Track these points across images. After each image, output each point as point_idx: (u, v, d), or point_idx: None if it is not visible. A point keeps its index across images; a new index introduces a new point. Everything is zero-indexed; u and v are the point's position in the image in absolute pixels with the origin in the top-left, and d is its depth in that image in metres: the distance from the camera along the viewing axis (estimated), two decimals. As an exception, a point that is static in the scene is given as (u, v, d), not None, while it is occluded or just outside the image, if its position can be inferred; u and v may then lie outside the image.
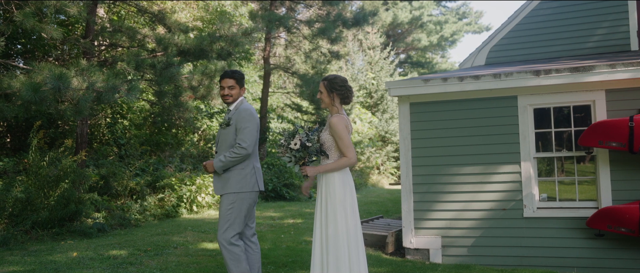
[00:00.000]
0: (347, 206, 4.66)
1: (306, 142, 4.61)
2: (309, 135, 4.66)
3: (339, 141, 4.67)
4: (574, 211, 7.25)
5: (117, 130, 15.23)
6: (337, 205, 4.65)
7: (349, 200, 4.69)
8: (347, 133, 4.69)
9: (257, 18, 16.58)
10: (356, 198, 4.82)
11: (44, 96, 7.77)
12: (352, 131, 4.84)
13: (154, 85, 12.51)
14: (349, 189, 4.74)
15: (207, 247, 8.15)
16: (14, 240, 8.27)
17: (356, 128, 25.80)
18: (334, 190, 4.69)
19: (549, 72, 7.19)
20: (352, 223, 4.65)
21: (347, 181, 4.75)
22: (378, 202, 16.06)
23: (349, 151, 4.65)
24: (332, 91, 4.84)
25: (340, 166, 4.70)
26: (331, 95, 4.85)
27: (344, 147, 4.65)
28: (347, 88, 4.85)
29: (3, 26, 9.79)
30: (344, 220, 4.63)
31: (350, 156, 4.66)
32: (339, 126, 4.66)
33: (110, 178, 11.64)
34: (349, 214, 4.65)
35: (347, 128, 4.74)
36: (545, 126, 7.53)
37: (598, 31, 9.44)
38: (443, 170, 7.91)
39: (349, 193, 4.72)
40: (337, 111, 4.86)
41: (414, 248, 7.94)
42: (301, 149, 4.63)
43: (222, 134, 5.18)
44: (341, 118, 4.73)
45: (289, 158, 4.72)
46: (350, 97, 4.89)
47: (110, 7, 15.15)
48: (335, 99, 4.85)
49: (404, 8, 39.87)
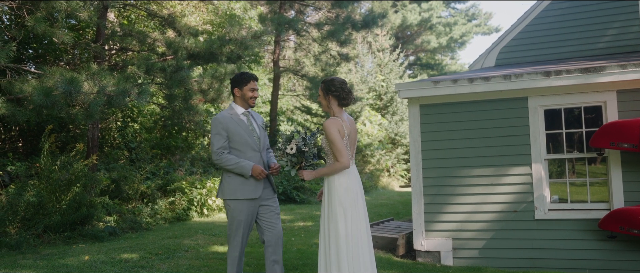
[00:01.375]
0: (346, 208, 4.66)
1: (302, 147, 4.62)
2: (306, 139, 4.66)
3: (331, 145, 4.66)
4: (586, 212, 7.20)
5: (128, 134, 15.30)
6: (336, 208, 4.67)
7: (350, 202, 4.68)
8: (339, 137, 4.63)
9: (267, 21, 16.61)
10: (361, 201, 4.81)
11: (56, 100, 7.82)
12: (348, 134, 4.77)
13: (164, 89, 12.57)
14: (353, 192, 4.73)
15: (217, 250, 8.17)
16: (27, 244, 8.32)
17: (366, 130, 25.76)
18: (334, 193, 4.72)
19: (560, 73, 7.16)
20: (352, 226, 4.65)
21: (348, 184, 4.74)
22: (388, 204, 16.04)
23: (341, 155, 4.62)
24: (327, 93, 4.85)
25: (333, 171, 4.70)
26: (327, 98, 4.87)
27: (335, 151, 4.64)
28: (343, 90, 4.81)
29: (15, 31, 9.88)
30: (343, 222, 4.64)
31: (342, 160, 4.63)
32: (330, 130, 4.63)
33: (121, 182, 11.70)
34: (348, 216, 4.65)
35: (341, 131, 4.68)
36: (556, 128, 7.50)
37: (609, 32, 9.38)
38: (453, 172, 7.89)
39: (351, 196, 4.71)
40: (333, 114, 4.86)
41: (424, 250, 7.92)
42: (297, 153, 4.64)
43: (263, 136, 5.27)
44: (334, 122, 4.70)
45: (286, 162, 4.74)
46: (347, 99, 4.85)
47: (120, 11, 15.22)
48: (331, 102, 4.86)
49: (413, 10, 39.81)
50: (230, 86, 5.30)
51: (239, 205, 5.01)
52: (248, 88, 5.16)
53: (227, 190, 5.06)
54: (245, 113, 5.20)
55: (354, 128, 4.94)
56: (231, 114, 5.13)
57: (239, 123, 5.08)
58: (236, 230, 5.04)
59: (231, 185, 5.04)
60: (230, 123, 5.03)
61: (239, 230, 5.03)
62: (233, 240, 5.07)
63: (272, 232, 5.14)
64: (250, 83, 5.16)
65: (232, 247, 5.08)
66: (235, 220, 5.03)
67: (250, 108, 5.27)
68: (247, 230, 5.10)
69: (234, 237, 5.06)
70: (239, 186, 5.01)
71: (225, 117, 5.08)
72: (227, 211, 5.11)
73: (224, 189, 5.09)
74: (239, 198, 5.01)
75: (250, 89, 5.17)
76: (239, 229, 5.03)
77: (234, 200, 5.03)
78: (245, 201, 5.02)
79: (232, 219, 5.05)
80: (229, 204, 5.05)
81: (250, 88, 5.16)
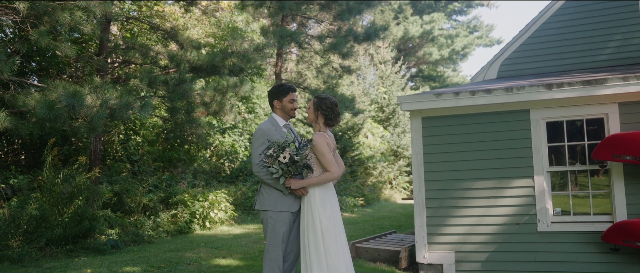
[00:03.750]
0: (322, 220, 4.73)
1: (295, 156, 4.63)
2: (299, 150, 4.68)
3: (321, 158, 4.78)
4: (589, 225, 7.19)
5: (130, 146, 15.33)
6: (311, 219, 4.76)
7: (328, 215, 4.76)
8: (328, 150, 4.79)
9: (269, 34, 16.66)
10: (337, 214, 4.86)
11: (59, 113, 7.85)
12: (332, 148, 4.92)
13: (166, 101, 12.59)
14: (329, 205, 4.81)
15: (220, 263, 8.16)
16: (29, 257, 8.32)
17: (368, 142, 25.78)
18: (312, 204, 4.79)
19: (562, 86, 7.17)
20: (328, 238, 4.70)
21: (326, 197, 4.83)
22: (390, 217, 16.01)
23: (331, 166, 4.77)
24: (317, 109, 4.97)
25: (323, 181, 4.80)
26: (316, 113, 4.99)
27: (326, 163, 4.77)
28: (333, 111, 4.96)
29: (18, 44, 9.91)
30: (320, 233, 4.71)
31: (333, 171, 4.78)
32: (320, 144, 4.78)
33: (123, 195, 11.70)
34: (324, 228, 4.71)
35: (329, 144, 4.84)
36: (558, 140, 7.50)
37: (610, 44, 9.40)
38: (456, 185, 7.88)
39: (327, 209, 4.78)
40: (319, 129, 4.99)
41: (427, 263, 7.90)
42: (290, 163, 4.65)
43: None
44: (322, 136, 4.84)
45: (276, 170, 4.73)
46: (333, 121, 4.99)
47: (123, 24, 15.30)
48: (319, 118, 4.99)
49: (415, 22, 39.95)
50: (269, 99, 5.26)
51: (281, 217, 4.93)
52: (287, 99, 5.16)
53: (268, 201, 4.96)
54: (286, 125, 5.19)
55: (335, 143, 5.09)
56: (274, 126, 5.10)
57: (281, 135, 5.03)
58: (276, 243, 4.92)
59: (272, 196, 4.95)
60: (274, 135, 4.97)
61: (279, 243, 4.92)
62: (272, 252, 4.93)
63: (296, 246, 5.10)
64: (290, 94, 5.17)
65: (271, 260, 4.94)
66: (276, 232, 4.92)
67: (290, 118, 5.27)
68: (286, 243, 5.00)
69: (273, 250, 4.92)
70: (279, 197, 4.93)
71: (270, 128, 5.04)
72: (265, 223, 4.99)
73: (264, 201, 4.99)
74: (280, 210, 4.93)
75: (289, 101, 5.16)
76: (279, 242, 4.92)
77: (275, 212, 4.94)
78: (286, 213, 4.95)
79: (273, 231, 4.93)
80: (271, 216, 4.94)
81: (290, 99, 5.16)
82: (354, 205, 18.44)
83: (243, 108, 20.07)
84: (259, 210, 5.04)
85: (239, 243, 10.15)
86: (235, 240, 10.61)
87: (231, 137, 19.00)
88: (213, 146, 18.18)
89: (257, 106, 20.70)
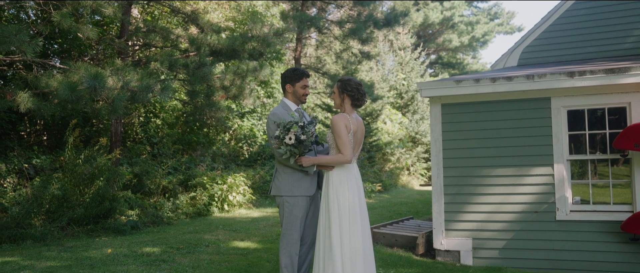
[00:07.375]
0: (341, 202, 4.73)
1: (301, 136, 4.64)
2: (304, 128, 4.67)
3: (337, 138, 4.76)
4: (608, 214, 7.15)
5: (150, 129, 15.46)
6: (330, 202, 4.76)
7: (347, 197, 4.75)
8: (345, 132, 4.75)
9: (289, 18, 16.64)
10: (358, 197, 4.86)
11: (80, 95, 7.93)
12: (354, 131, 4.87)
13: (186, 85, 12.66)
14: (347, 188, 4.80)
15: (238, 246, 8.22)
16: (51, 236, 8.46)
17: (386, 128, 25.70)
18: (330, 186, 4.81)
19: (584, 74, 7.10)
20: (347, 221, 4.71)
21: (346, 179, 4.81)
22: (408, 203, 16.00)
23: (345, 148, 4.73)
24: (343, 91, 4.94)
25: (334, 161, 4.79)
26: (342, 96, 4.96)
27: (341, 144, 4.73)
28: (358, 91, 4.92)
29: (41, 26, 10.01)
30: (337, 217, 4.71)
31: (346, 154, 4.73)
32: (337, 124, 4.76)
33: (143, 176, 11.82)
34: (343, 211, 4.72)
35: (347, 126, 4.79)
36: (579, 128, 7.44)
37: (634, 32, 9.26)
38: (474, 172, 7.86)
39: (346, 191, 4.78)
40: (344, 112, 4.96)
41: (444, 249, 7.91)
42: (296, 143, 4.66)
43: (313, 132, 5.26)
44: (343, 117, 4.81)
45: (283, 151, 4.75)
46: (361, 100, 4.95)
47: (144, 7, 15.36)
48: (345, 101, 4.95)
49: (435, 8, 39.60)
50: (281, 82, 5.28)
51: (298, 202, 4.99)
52: (300, 85, 5.17)
53: (284, 186, 5.02)
54: (298, 109, 5.19)
55: (362, 128, 5.04)
56: (286, 110, 5.12)
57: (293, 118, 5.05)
58: (293, 227, 4.99)
59: (288, 181, 5.00)
60: (286, 118, 4.99)
61: (296, 227, 4.99)
62: (289, 236, 4.99)
63: (312, 230, 5.14)
64: (303, 79, 5.18)
65: (288, 244, 5.00)
66: (293, 216, 4.98)
67: (301, 104, 5.29)
68: (302, 227, 5.06)
69: (291, 234, 4.99)
70: (295, 183, 4.99)
71: (282, 112, 5.07)
72: (282, 208, 5.05)
73: (281, 186, 5.04)
74: (296, 194, 4.99)
75: (302, 86, 5.18)
76: (296, 226, 4.99)
77: (291, 196, 4.99)
78: (302, 197, 5.00)
79: (290, 216, 5.00)
80: (287, 201, 5.00)
81: (302, 85, 5.18)
82: (372, 190, 18.45)
83: (262, 93, 20.11)
84: (275, 195, 5.10)
85: (257, 226, 10.22)
86: (253, 223, 10.68)
87: (250, 121, 19.07)
88: (232, 130, 18.26)
89: (276, 91, 20.73)
